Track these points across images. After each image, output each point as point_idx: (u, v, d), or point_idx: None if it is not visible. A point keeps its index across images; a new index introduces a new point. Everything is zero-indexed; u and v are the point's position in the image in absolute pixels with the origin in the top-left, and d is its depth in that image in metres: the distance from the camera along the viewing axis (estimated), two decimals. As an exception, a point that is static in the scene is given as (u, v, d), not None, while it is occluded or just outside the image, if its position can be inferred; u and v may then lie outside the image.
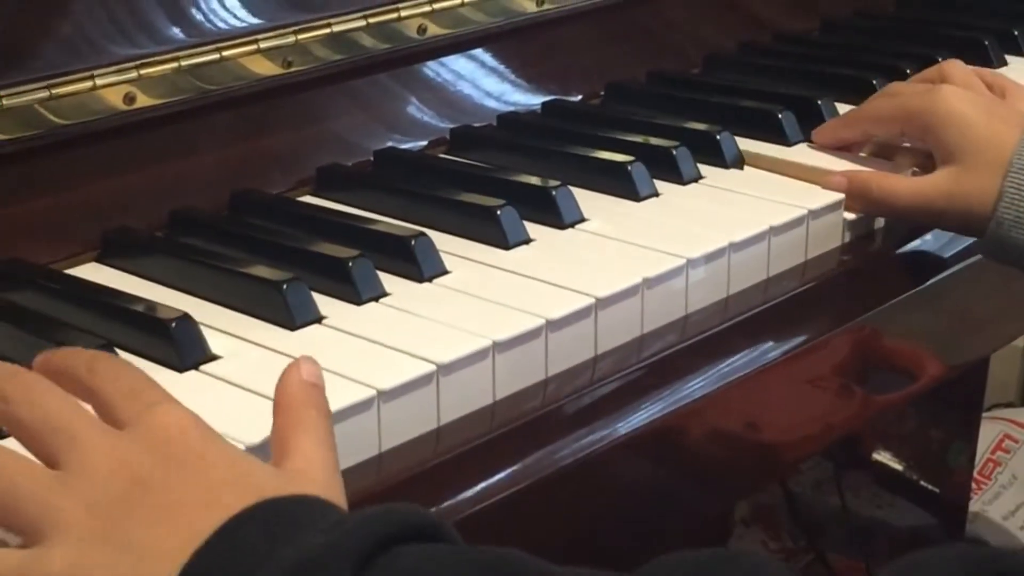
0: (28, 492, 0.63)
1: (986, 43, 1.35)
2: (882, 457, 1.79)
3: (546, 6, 1.19)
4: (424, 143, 1.13)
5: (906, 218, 1.04)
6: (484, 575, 0.59)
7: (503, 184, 1.02)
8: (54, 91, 0.90)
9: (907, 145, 1.09)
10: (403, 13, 1.09)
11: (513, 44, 1.20)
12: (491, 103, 1.18)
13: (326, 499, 0.63)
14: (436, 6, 1.11)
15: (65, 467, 0.63)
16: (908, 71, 1.26)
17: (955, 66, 1.10)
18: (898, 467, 1.78)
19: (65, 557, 0.61)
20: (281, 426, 0.68)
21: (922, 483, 1.78)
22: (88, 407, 0.67)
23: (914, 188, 1.02)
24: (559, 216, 0.98)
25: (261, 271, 0.87)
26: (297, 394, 0.68)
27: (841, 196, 1.02)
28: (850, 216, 1.02)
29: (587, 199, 1.01)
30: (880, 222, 1.05)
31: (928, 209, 1.01)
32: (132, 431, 0.65)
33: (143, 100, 0.95)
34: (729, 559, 0.60)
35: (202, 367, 0.79)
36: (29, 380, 0.67)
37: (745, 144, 1.11)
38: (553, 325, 0.83)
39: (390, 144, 1.11)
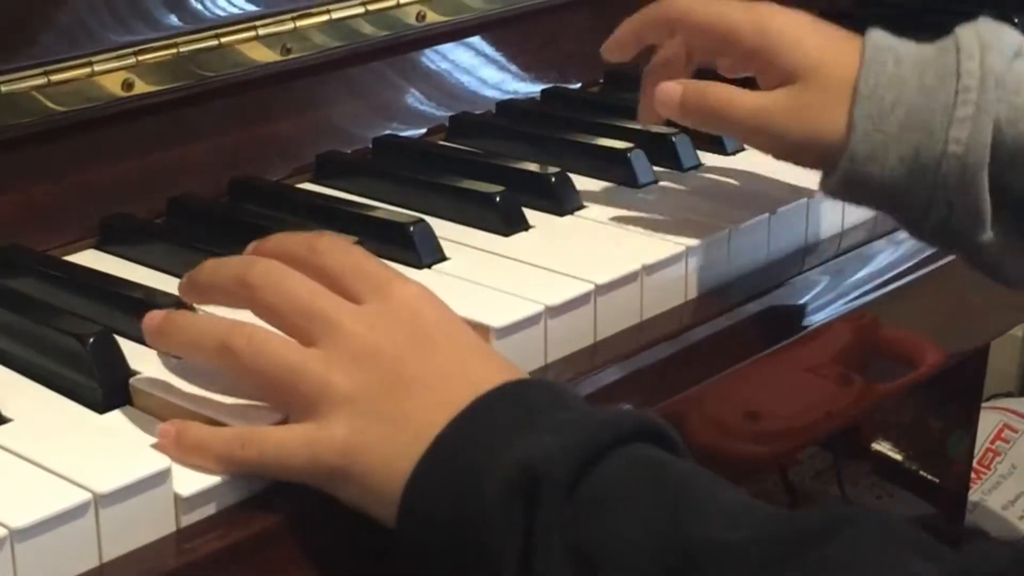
0: (307, 371, 0.69)
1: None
2: (881, 447, 1.79)
3: (545, -7, 1.19)
4: (423, 130, 1.13)
5: (746, 137, 0.94)
6: (655, 493, 0.63)
7: (502, 171, 1.02)
8: (52, 77, 0.90)
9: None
10: (401, 0, 1.09)
11: (512, 31, 1.19)
12: (490, 90, 1.18)
13: (556, 384, 0.72)
14: (434, -7, 1.11)
15: (326, 348, 0.69)
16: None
17: None
18: (897, 457, 1.78)
19: (346, 429, 0.68)
20: None
21: (922, 473, 1.78)
22: None
23: (755, 101, 0.90)
24: (558, 203, 0.98)
25: (260, 258, 0.86)
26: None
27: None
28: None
29: (586, 186, 1.01)
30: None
31: (769, 126, 0.89)
32: (379, 308, 0.71)
33: (141, 87, 0.95)
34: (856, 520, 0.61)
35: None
36: (269, 266, 0.73)
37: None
38: (552, 311, 0.83)
39: (389, 131, 1.11)
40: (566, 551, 0.63)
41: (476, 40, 1.18)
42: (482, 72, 1.18)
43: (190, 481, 0.68)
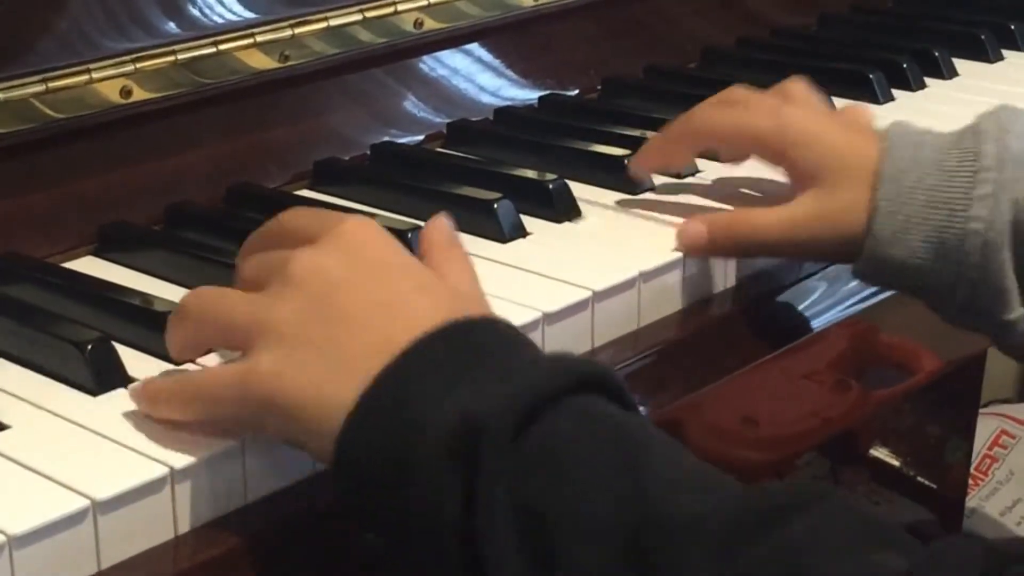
0: (240, 311, 0.70)
1: (983, 38, 1.35)
2: (879, 453, 1.78)
3: (542, 0, 1.19)
4: (421, 137, 1.13)
5: (778, 252, 0.95)
6: (614, 457, 0.62)
7: (500, 178, 1.02)
8: (50, 84, 0.90)
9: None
10: (399, 7, 1.09)
11: (510, 38, 1.20)
12: (488, 97, 1.18)
13: (499, 321, 0.69)
14: (432, 0, 1.10)
15: (272, 286, 0.70)
16: (905, 66, 1.26)
17: (796, 84, 0.99)
18: (895, 463, 1.78)
19: (271, 358, 0.67)
20: (432, 262, 0.74)
21: (919, 479, 1.78)
22: None
23: (782, 216, 0.92)
24: (556, 210, 0.98)
25: (257, 264, 0.86)
26: (443, 234, 0.76)
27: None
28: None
29: (584, 193, 1.01)
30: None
31: (798, 236, 0.91)
32: (325, 242, 0.70)
33: (139, 94, 0.95)
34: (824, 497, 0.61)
35: (198, 359, 0.79)
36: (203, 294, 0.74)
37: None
38: (550, 318, 0.83)
39: (387, 138, 1.11)
40: (513, 508, 0.61)
41: (474, 47, 1.18)
42: (480, 79, 1.18)
43: (189, 488, 0.68)
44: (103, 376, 0.75)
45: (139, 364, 0.77)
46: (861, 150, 0.90)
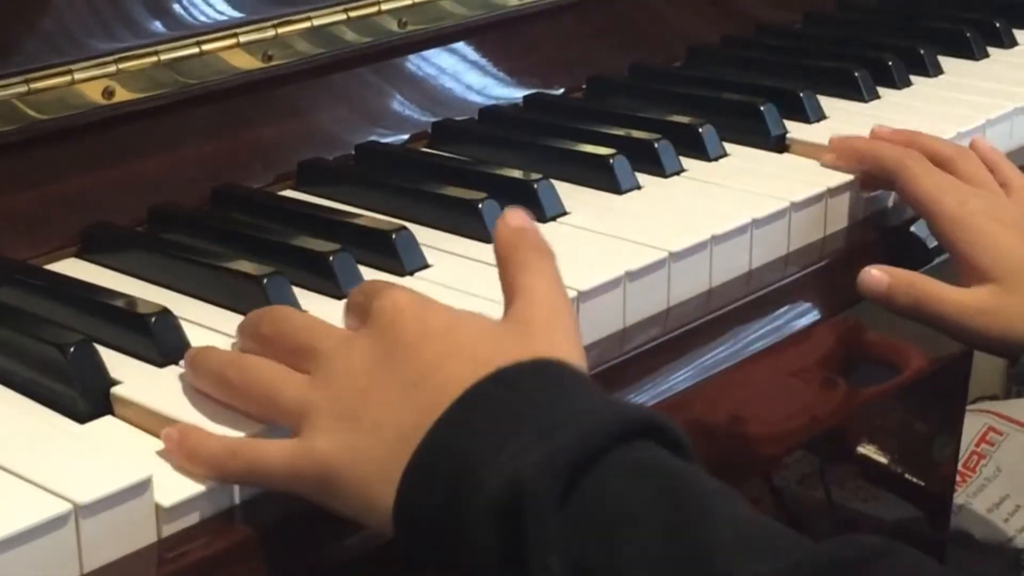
0: (288, 387, 0.70)
1: (968, 35, 1.35)
2: (867, 451, 1.78)
3: (527, -1, 1.19)
4: (405, 137, 1.13)
5: (947, 330, 0.98)
6: (670, 515, 0.59)
7: (485, 177, 1.02)
8: (32, 85, 0.90)
9: None
10: (383, 7, 1.09)
11: (494, 38, 1.19)
12: (473, 96, 1.18)
13: (550, 364, 0.66)
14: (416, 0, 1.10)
15: (314, 373, 0.71)
16: (890, 63, 1.26)
17: (969, 160, 1.03)
18: (883, 460, 1.78)
19: (324, 443, 0.67)
20: (504, 274, 0.73)
21: (907, 476, 1.78)
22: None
23: (959, 298, 0.96)
24: (541, 209, 0.97)
25: (242, 266, 0.86)
26: (511, 240, 0.74)
27: (823, 189, 1.01)
28: (832, 209, 1.02)
29: (569, 192, 1.01)
30: (861, 214, 1.05)
31: (970, 323, 0.96)
32: (367, 323, 0.71)
33: (122, 94, 0.94)
34: (893, 551, 0.59)
35: (182, 362, 0.78)
36: (275, 315, 0.76)
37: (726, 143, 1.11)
38: (535, 318, 0.83)
39: (372, 138, 1.10)
40: (569, 567, 0.59)
41: (459, 46, 1.18)
42: (465, 78, 1.18)
43: (171, 491, 0.68)
44: (85, 379, 0.74)
45: (122, 367, 0.77)
46: None
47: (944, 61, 1.31)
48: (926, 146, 1.04)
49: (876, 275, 0.97)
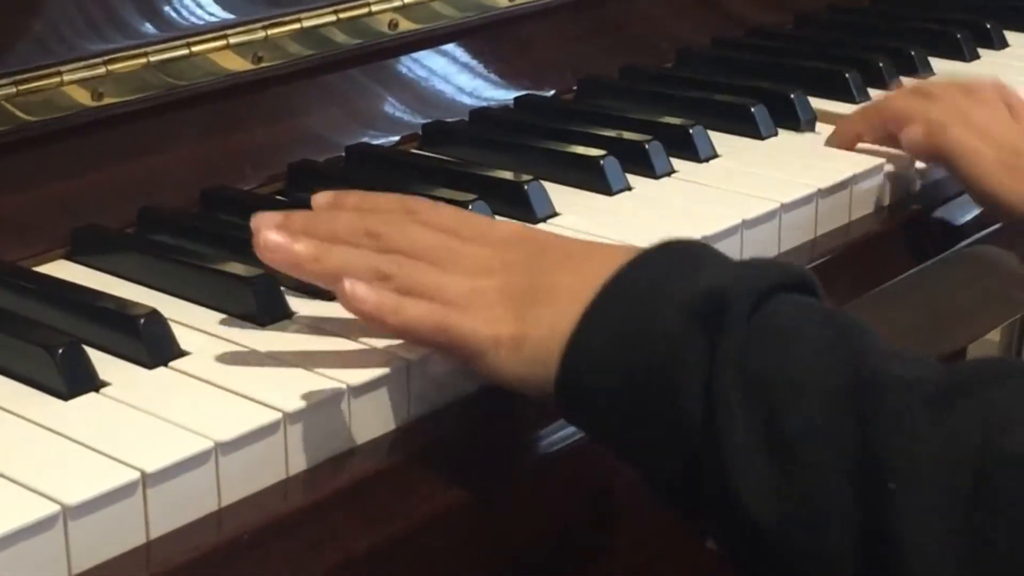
0: (453, 280, 0.77)
1: (959, 36, 1.36)
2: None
3: (518, 1, 1.19)
4: (396, 138, 1.13)
5: (970, 182, 1.04)
6: (832, 332, 0.68)
7: (475, 179, 1.02)
8: (21, 87, 0.90)
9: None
10: (373, 8, 1.09)
11: (485, 39, 1.19)
12: (463, 98, 1.18)
13: (704, 244, 0.77)
14: (407, 1, 1.10)
15: (454, 271, 0.77)
16: (881, 65, 1.26)
17: (984, 89, 1.09)
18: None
19: (510, 321, 0.75)
20: None
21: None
22: None
23: (985, 151, 1.03)
24: (531, 211, 0.97)
25: (231, 267, 0.86)
26: None
27: (814, 190, 1.01)
28: (824, 210, 1.02)
29: (560, 194, 1.01)
30: (852, 215, 1.05)
31: (997, 175, 1.03)
32: (487, 239, 0.79)
33: (111, 96, 0.94)
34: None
35: (172, 364, 0.78)
36: (390, 216, 0.80)
37: (718, 137, 1.11)
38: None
39: (362, 140, 1.10)
40: (742, 371, 0.67)
41: (449, 48, 1.18)
42: (455, 80, 1.18)
43: (160, 492, 0.67)
44: (74, 381, 0.74)
45: (112, 369, 0.77)
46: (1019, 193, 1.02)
47: (934, 63, 1.32)
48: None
49: (916, 129, 1.05)
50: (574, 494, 0.83)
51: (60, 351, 0.75)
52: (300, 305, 0.84)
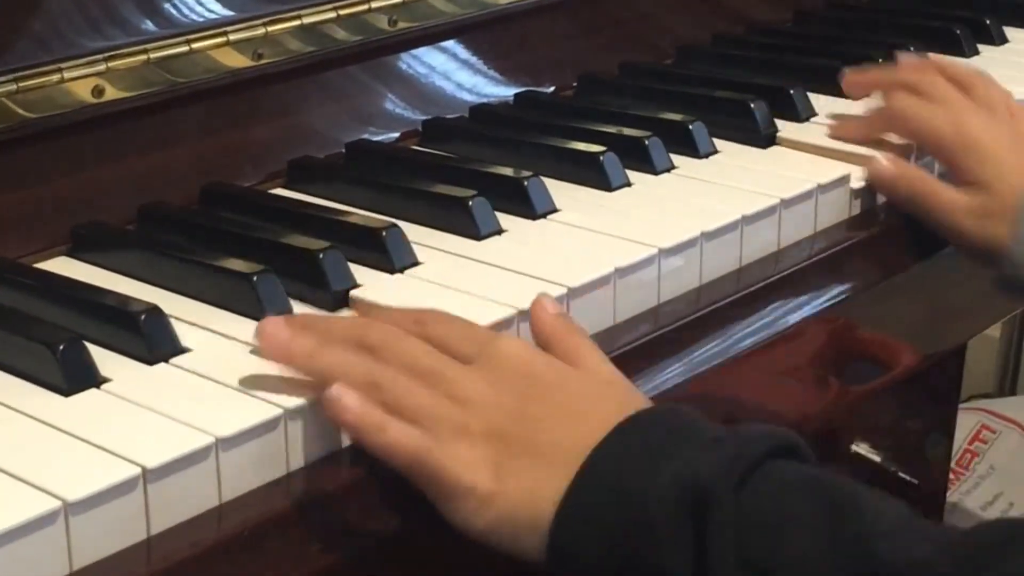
0: (441, 410, 0.72)
1: (958, 33, 1.35)
2: (860, 449, 1.78)
3: (517, -3, 1.19)
4: (396, 135, 1.13)
5: (937, 224, 1.04)
6: (830, 515, 0.65)
7: (475, 175, 1.02)
8: (21, 84, 0.90)
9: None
10: (373, 5, 1.08)
11: (485, 36, 1.19)
12: (463, 95, 1.18)
13: (683, 408, 0.73)
14: (407, -3, 1.10)
15: (445, 397, 0.73)
16: (880, 61, 1.26)
17: (981, 82, 1.10)
18: (876, 459, 1.78)
19: (488, 477, 0.71)
20: (560, 353, 0.77)
21: (900, 474, 1.78)
22: None
23: (953, 198, 1.03)
24: (531, 207, 0.97)
25: (232, 264, 0.86)
26: (558, 325, 0.78)
27: (813, 186, 1.01)
28: (823, 206, 1.02)
29: (559, 190, 1.01)
30: (852, 211, 1.05)
31: (957, 222, 1.03)
32: (491, 365, 0.74)
33: (112, 93, 0.94)
34: None
35: (172, 360, 0.78)
36: (385, 329, 0.76)
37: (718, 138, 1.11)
38: (525, 315, 0.83)
39: (362, 136, 1.10)
40: (740, 565, 0.65)
41: (449, 44, 1.18)
42: (455, 76, 1.18)
43: (161, 488, 0.68)
44: (75, 377, 0.75)
45: (112, 365, 0.77)
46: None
47: (934, 59, 1.31)
48: (942, 70, 1.11)
49: (886, 165, 1.05)
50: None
51: (61, 347, 0.75)
52: (301, 304, 0.84)
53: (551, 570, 0.70)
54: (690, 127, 1.09)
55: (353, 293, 0.85)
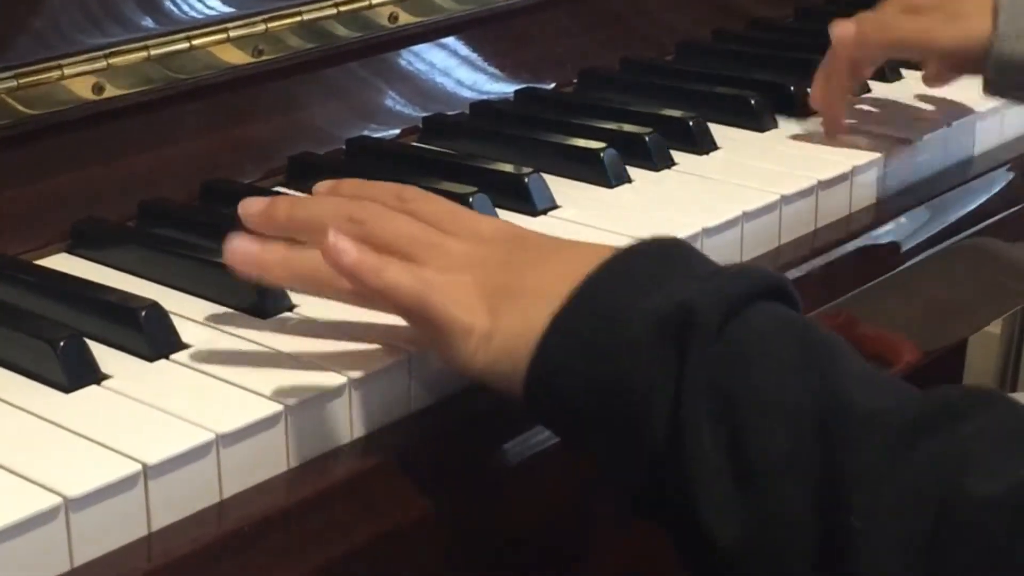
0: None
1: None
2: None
3: (518, -7, 1.19)
4: (397, 131, 1.13)
5: (908, 50, 1.12)
6: (803, 353, 0.67)
7: (475, 172, 1.02)
8: (22, 81, 0.90)
9: None
10: (374, 1, 1.09)
11: (485, 32, 1.19)
12: (464, 91, 1.18)
13: (681, 241, 0.75)
14: (407, -7, 1.11)
15: (430, 265, 0.75)
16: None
17: None
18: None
19: (484, 319, 0.73)
20: None
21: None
22: None
23: (916, 22, 1.08)
24: (531, 203, 0.98)
25: (232, 260, 0.86)
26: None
27: (814, 182, 1.01)
28: (825, 202, 1.02)
29: (560, 186, 1.01)
30: (853, 206, 1.05)
31: (930, 39, 1.08)
32: (478, 238, 0.77)
33: (112, 90, 0.94)
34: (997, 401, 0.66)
35: (173, 356, 0.78)
36: (373, 205, 0.79)
37: (718, 130, 1.11)
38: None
39: (362, 133, 1.10)
40: (710, 389, 0.66)
41: (450, 41, 1.18)
42: (456, 73, 1.18)
43: (162, 484, 0.68)
44: (75, 373, 0.75)
45: (113, 361, 0.77)
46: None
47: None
48: None
49: (846, 27, 1.11)
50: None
51: (61, 344, 0.75)
52: (302, 298, 0.84)
53: (526, 407, 0.72)
54: (691, 123, 1.09)
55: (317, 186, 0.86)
